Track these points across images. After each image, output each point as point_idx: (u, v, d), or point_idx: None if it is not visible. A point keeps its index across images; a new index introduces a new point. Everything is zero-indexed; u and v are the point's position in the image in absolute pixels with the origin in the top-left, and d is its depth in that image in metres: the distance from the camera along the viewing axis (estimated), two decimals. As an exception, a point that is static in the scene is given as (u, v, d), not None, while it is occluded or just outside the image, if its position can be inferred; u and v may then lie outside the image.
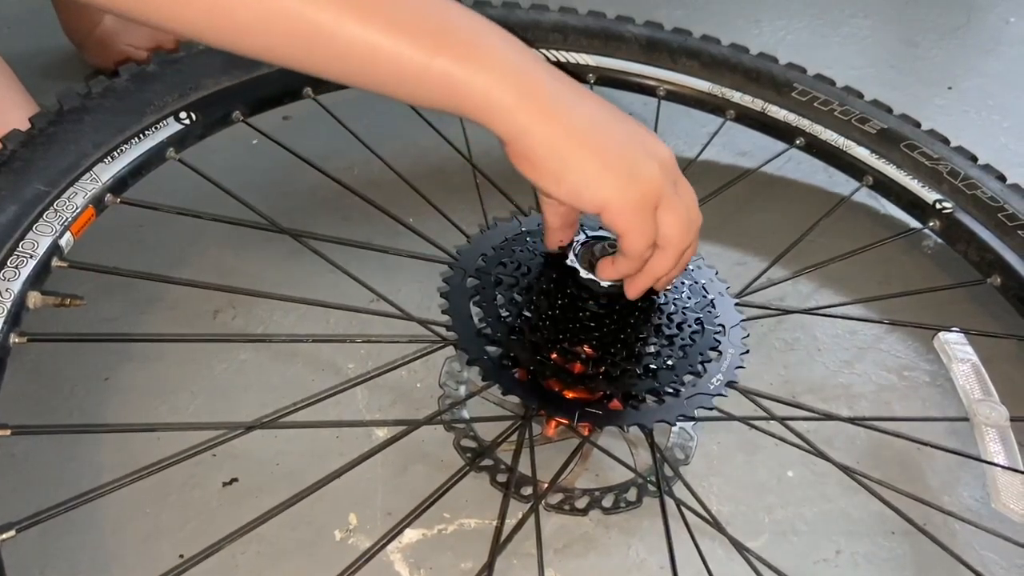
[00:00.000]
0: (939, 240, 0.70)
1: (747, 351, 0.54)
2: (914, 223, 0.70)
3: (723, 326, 0.54)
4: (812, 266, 0.67)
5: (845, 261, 0.67)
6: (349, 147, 0.68)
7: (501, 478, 0.54)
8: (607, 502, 0.54)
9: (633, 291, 0.49)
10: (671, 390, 0.50)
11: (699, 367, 0.51)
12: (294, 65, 0.42)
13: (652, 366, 0.51)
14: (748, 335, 0.55)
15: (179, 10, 0.39)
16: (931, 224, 0.68)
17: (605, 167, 0.44)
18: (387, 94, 0.43)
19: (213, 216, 0.59)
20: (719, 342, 0.53)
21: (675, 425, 0.55)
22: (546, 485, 0.52)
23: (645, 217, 0.45)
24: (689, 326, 0.53)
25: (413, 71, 0.41)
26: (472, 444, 0.56)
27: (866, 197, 0.77)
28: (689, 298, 0.55)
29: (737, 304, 0.57)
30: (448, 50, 0.41)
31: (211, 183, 0.60)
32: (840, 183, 0.78)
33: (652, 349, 0.51)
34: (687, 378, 0.51)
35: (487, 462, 0.55)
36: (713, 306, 0.55)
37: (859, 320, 0.68)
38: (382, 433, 0.57)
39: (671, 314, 0.53)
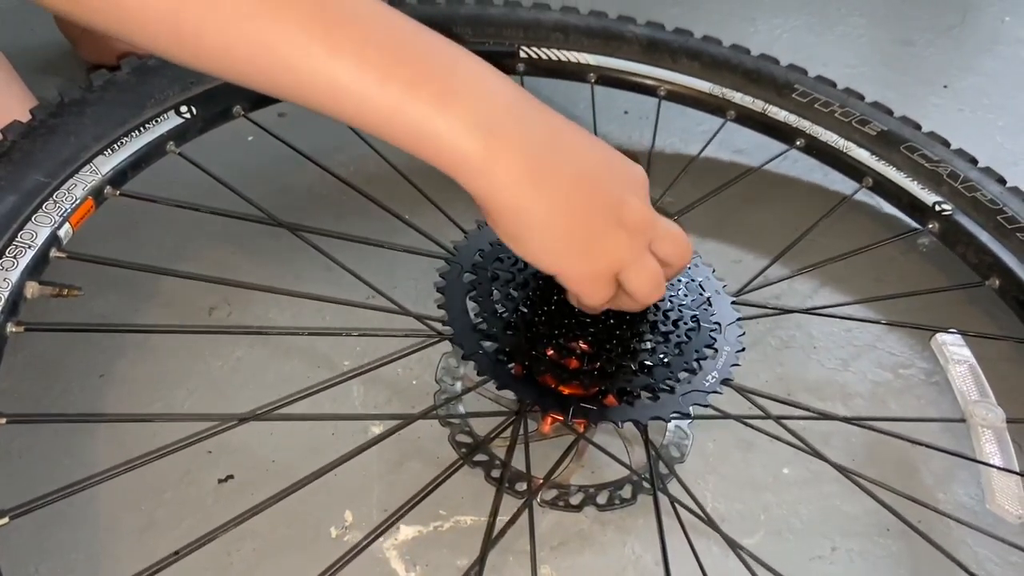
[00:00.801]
0: (937, 242, 0.70)
1: (743, 348, 0.54)
2: (913, 224, 0.70)
3: (719, 324, 0.54)
4: (810, 265, 0.67)
5: (843, 261, 0.67)
6: (345, 144, 0.67)
7: (496, 474, 0.54)
8: (602, 499, 0.54)
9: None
10: (666, 387, 0.50)
11: (694, 364, 0.51)
12: (261, 90, 0.40)
13: (648, 363, 0.51)
14: (744, 332, 0.55)
15: (148, 28, 0.38)
16: (930, 226, 0.68)
17: (565, 241, 0.43)
18: (356, 128, 0.41)
19: (211, 210, 0.59)
20: (715, 339, 0.53)
21: (669, 421, 0.55)
22: (540, 481, 0.52)
23: (598, 286, 0.45)
24: (685, 323, 0.53)
25: (378, 114, 0.39)
26: (468, 439, 0.56)
27: (865, 197, 0.77)
28: (686, 295, 0.55)
29: (734, 303, 0.57)
30: (417, 96, 0.39)
31: (210, 177, 0.60)
32: (838, 182, 0.78)
33: (648, 346, 0.51)
34: (682, 375, 0.51)
35: (482, 457, 0.55)
36: (710, 304, 0.55)
37: (856, 320, 0.68)
38: (377, 428, 0.57)
39: (667, 311, 0.53)
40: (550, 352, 0.50)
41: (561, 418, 0.51)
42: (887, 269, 0.73)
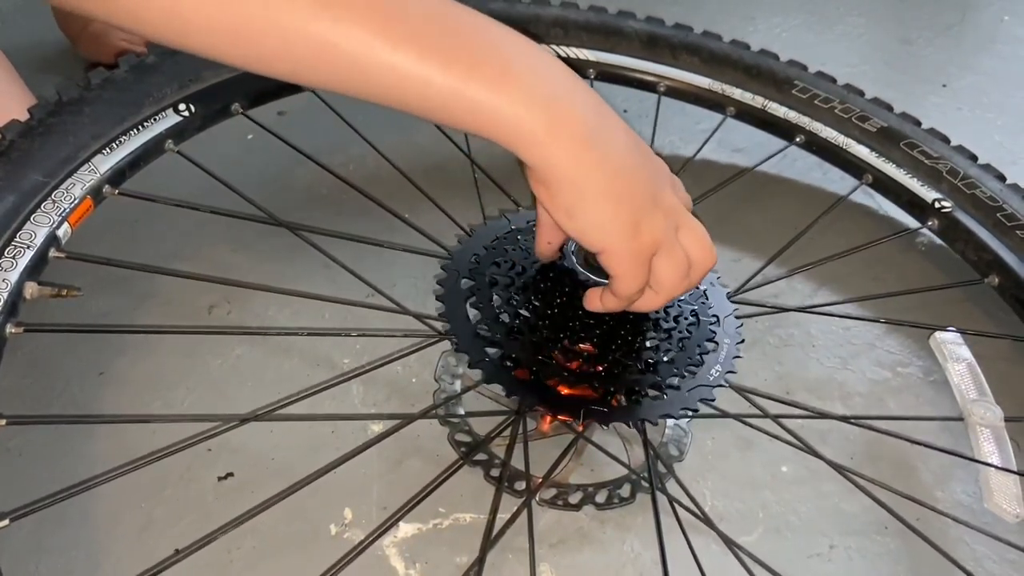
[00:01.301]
0: (936, 239, 0.70)
1: (742, 340, 0.54)
2: (912, 222, 0.70)
3: (717, 316, 0.54)
4: (809, 264, 0.67)
5: (842, 260, 0.67)
6: (344, 143, 0.68)
7: (496, 473, 0.54)
8: (601, 498, 0.54)
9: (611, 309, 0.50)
10: (672, 383, 0.50)
11: (698, 358, 0.51)
12: (321, 87, 0.42)
13: (652, 360, 0.51)
14: (742, 324, 0.55)
15: (210, 35, 0.39)
16: (930, 223, 0.68)
17: (616, 214, 0.44)
18: (413, 114, 0.42)
19: (211, 209, 0.59)
20: (715, 332, 0.53)
21: (677, 419, 0.55)
22: (540, 480, 0.53)
23: (640, 265, 0.45)
24: (686, 318, 0.53)
25: (441, 98, 0.40)
26: (467, 439, 0.56)
27: (863, 196, 0.77)
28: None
29: (731, 298, 0.57)
30: (478, 77, 0.40)
31: (209, 175, 0.60)
32: (836, 181, 0.78)
33: (652, 343, 0.51)
34: (688, 370, 0.51)
35: (481, 457, 0.55)
36: (706, 297, 0.55)
37: (855, 319, 0.68)
38: (377, 427, 0.57)
39: (668, 307, 0.53)
40: (556, 355, 0.50)
41: (570, 419, 0.51)
42: (886, 267, 0.73)
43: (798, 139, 0.74)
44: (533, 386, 0.50)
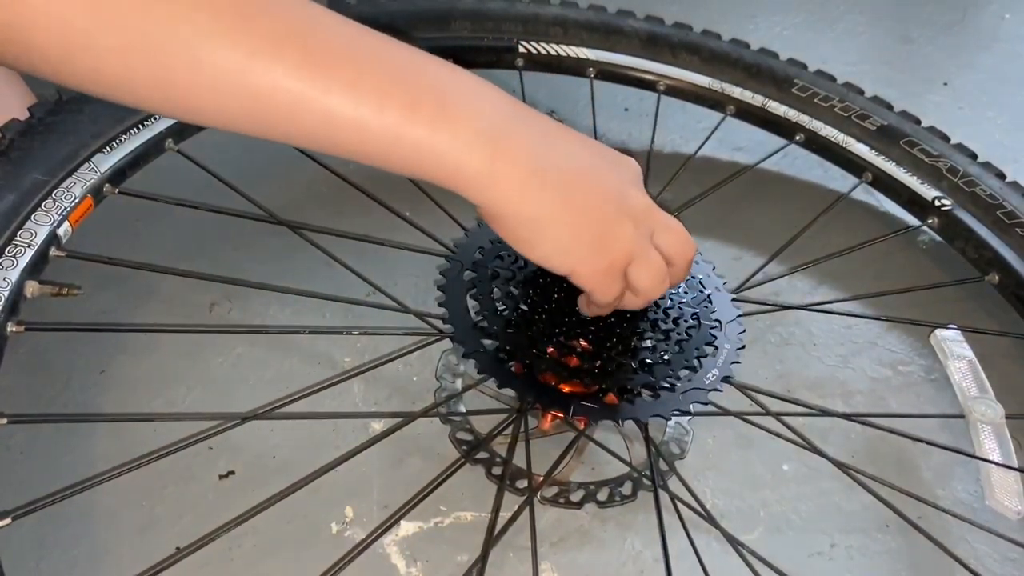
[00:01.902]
0: (937, 237, 0.70)
1: (743, 346, 0.54)
2: (913, 220, 0.70)
3: (720, 321, 0.54)
4: (809, 262, 0.67)
5: (842, 258, 0.67)
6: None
7: (497, 471, 0.54)
8: (602, 496, 0.54)
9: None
10: (667, 384, 0.50)
11: (695, 362, 0.51)
12: (249, 132, 0.39)
13: (648, 360, 0.51)
14: (744, 330, 0.55)
15: (126, 84, 0.36)
16: (930, 221, 0.68)
17: (576, 236, 0.43)
18: (354, 160, 0.40)
19: (211, 207, 0.59)
20: (715, 337, 0.53)
21: (670, 419, 0.55)
22: (541, 478, 0.53)
23: (611, 280, 0.45)
24: (686, 321, 0.53)
25: (379, 143, 0.39)
26: (468, 437, 0.56)
27: (863, 194, 0.77)
28: (686, 292, 0.55)
29: (734, 300, 0.57)
30: (415, 118, 0.38)
31: (210, 174, 0.60)
32: (836, 179, 0.78)
33: (649, 343, 0.51)
34: (683, 373, 0.51)
35: (483, 455, 0.55)
36: (710, 301, 0.55)
37: (856, 316, 0.68)
38: (378, 426, 0.57)
39: (668, 308, 0.53)
40: (551, 350, 0.50)
41: (561, 415, 0.51)
42: (886, 266, 0.73)
43: (798, 137, 0.74)
44: (526, 380, 0.50)
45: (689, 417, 0.58)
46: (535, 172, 0.42)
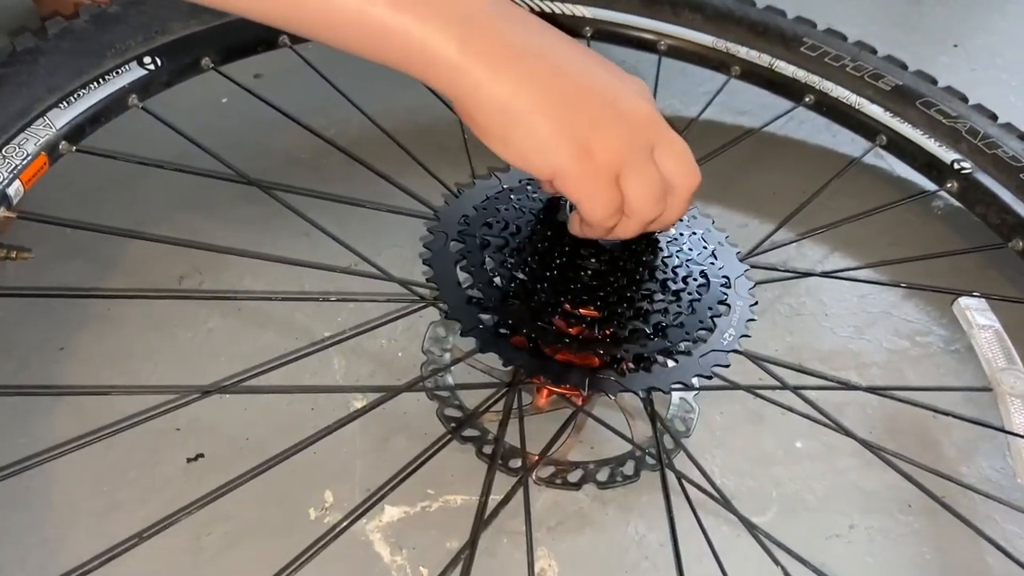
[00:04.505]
0: (955, 202, 0.66)
1: (755, 302, 0.50)
2: (929, 185, 0.66)
3: (728, 277, 0.50)
4: (821, 227, 0.64)
5: (854, 225, 0.63)
6: (325, 107, 0.63)
7: (488, 450, 0.50)
8: (602, 476, 0.51)
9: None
10: (683, 348, 0.46)
11: (710, 322, 0.48)
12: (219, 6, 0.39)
13: (663, 323, 0.47)
14: (754, 284, 0.51)
15: None
16: (948, 185, 0.65)
17: (556, 131, 0.39)
18: (323, 42, 0.39)
19: (176, 167, 0.55)
20: (726, 294, 0.49)
21: (689, 388, 0.52)
22: (536, 457, 0.49)
23: (601, 187, 0.41)
24: (695, 279, 0.49)
25: (344, 17, 0.37)
26: (457, 414, 0.52)
27: (874, 158, 0.73)
28: (691, 249, 0.51)
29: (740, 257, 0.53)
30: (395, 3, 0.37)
31: (179, 134, 0.56)
32: (845, 143, 0.75)
33: (660, 306, 0.47)
34: (699, 334, 0.47)
35: (472, 432, 0.51)
36: (715, 257, 0.51)
37: (874, 283, 0.64)
38: (360, 403, 0.53)
39: (676, 267, 0.49)
40: (557, 321, 0.46)
41: (574, 390, 0.47)
42: (901, 233, 0.69)
43: (807, 99, 0.70)
44: (531, 354, 0.46)
45: (695, 392, 0.54)
46: (510, 58, 0.39)
